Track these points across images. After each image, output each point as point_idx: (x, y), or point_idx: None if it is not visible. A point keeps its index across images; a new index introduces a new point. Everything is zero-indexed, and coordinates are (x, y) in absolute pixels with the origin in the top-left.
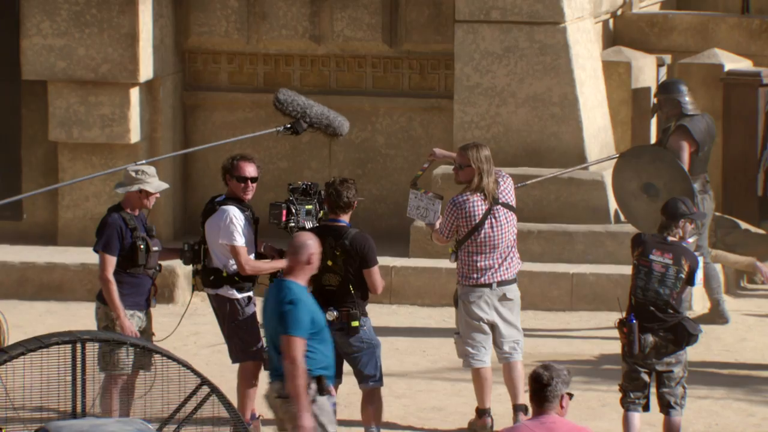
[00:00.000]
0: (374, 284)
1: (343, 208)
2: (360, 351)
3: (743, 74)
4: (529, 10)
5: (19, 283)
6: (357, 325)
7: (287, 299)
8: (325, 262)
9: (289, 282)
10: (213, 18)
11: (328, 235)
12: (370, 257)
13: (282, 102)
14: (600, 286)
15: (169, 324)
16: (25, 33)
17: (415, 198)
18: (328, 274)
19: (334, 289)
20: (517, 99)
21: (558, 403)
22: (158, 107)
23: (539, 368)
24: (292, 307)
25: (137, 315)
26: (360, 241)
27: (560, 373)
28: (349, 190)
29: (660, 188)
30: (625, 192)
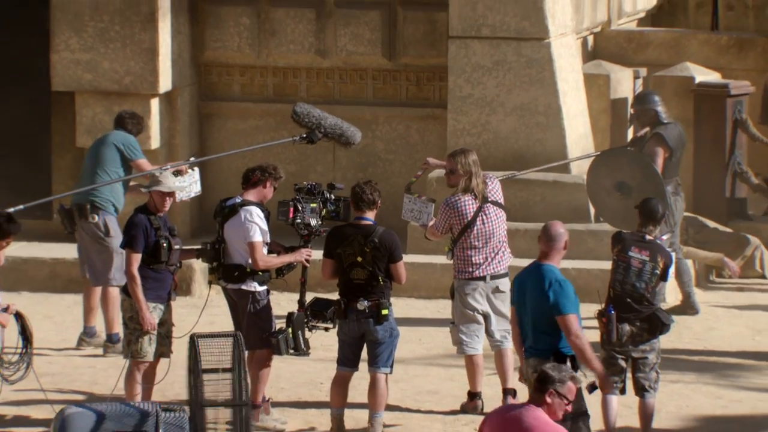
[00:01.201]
0: (399, 276)
1: (368, 204)
2: (384, 339)
3: (712, 86)
4: (516, 27)
5: (49, 277)
6: (386, 313)
7: (555, 281)
8: (354, 258)
9: (548, 266)
10: (227, 34)
11: (358, 234)
12: (396, 253)
13: (299, 114)
14: (581, 280)
15: (186, 315)
16: (54, 48)
17: (409, 202)
18: (357, 269)
19: (363, 282)
20: (506, 108)
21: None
22: (176, 116)
23: (549, 369)
24: (561, 289)
25: (159, 307)
26: (388, 239)
27: (565, 374)
28: (373, 189)
29: (633, 187)
30: (599, 188)
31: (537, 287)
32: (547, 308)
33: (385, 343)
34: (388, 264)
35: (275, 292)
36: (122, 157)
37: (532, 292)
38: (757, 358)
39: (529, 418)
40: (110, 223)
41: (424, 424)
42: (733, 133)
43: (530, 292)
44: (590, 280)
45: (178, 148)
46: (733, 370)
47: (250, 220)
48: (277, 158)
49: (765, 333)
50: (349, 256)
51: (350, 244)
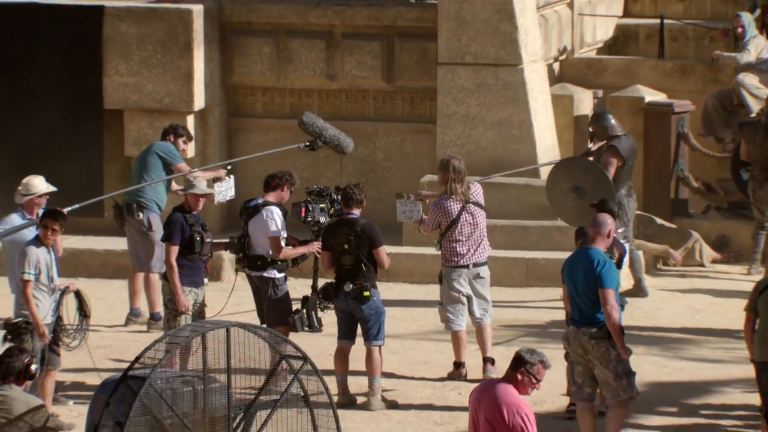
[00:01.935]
0: (381, 261)
1: (356, 203)
2: (370, 317)
3: (659, 105)
4: (494, 55)
5: (101, 265)
6: (368, 294)
7: (601, 261)
8: (343, 247)
9: (594, 249)
10: (251, 61)
11: (344, 225)
12: (377, 240)
13: (305, 123)
14: (549, 268)
15: (216, 298)
16: (106, 73)
17: (401, 205)
18: (345, 256)
19: (350, 267)
20: (486, 124)
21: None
22: (208, 130)
23: (526, 351)
24: (606, 267)
25: (194, 291)
26: (368, 228)
27: (542, 357)
28: (361, 191)
29: (587, 190)
30: (557, 190)
31: (587, 266)
32: (593, 282)
33: (372, 320)
34: (371, 250)
35: (292, 278)
36: (164, 163)
37: (583, 271)
38: (697, 333)
39: (501, 391)
40: (153, 219)
41: (416, 389)
42: (677, 145)
43: (581, 271)
44: (557, 268)
45: (210, 158)
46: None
47: (271, 218)
48: (293, 166)
49: (703, 312)
50: (339, 245)
51: (339, 235)
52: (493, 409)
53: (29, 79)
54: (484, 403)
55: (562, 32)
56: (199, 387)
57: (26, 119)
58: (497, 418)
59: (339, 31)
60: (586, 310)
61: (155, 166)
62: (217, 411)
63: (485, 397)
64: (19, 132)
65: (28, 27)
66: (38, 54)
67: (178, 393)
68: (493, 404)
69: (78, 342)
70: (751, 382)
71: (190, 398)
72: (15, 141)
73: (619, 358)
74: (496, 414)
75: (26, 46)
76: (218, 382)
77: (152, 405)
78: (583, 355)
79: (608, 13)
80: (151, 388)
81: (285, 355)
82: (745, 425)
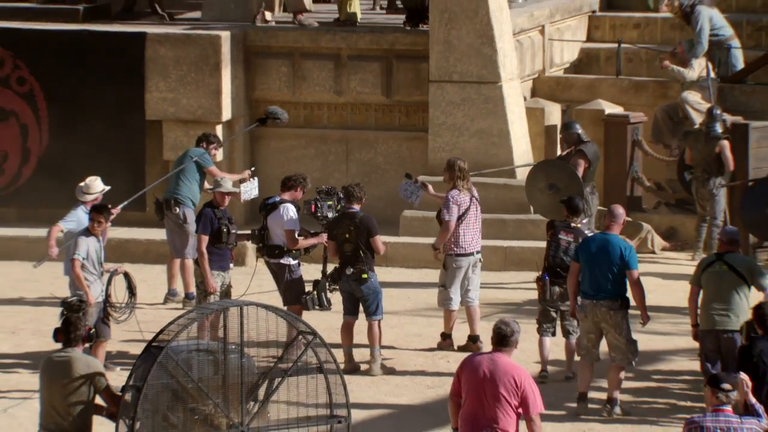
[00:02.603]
0: (377, 248)
1: (356, 199)
2: (368, 296)
3: (617, 116)
4: (477, 74)
5: (144, 252)
6: (366, 277)
7: (627, 247)
8: (344, 236)
9: (614, 235)
10: (270, 79)
11: (345, 218)
12: (373, 230)
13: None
14: (524, 255)
15: (240, 281)
16: (148, 89)
17: (405, 184)
18: (346, 244)
19: (350, 254)
20: (470, 132)
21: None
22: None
23: (501, 324)
24: (631, 253)
25: (221, 275)
26: (365, 220)
27: (514, 327)
28: (360, 189)
29: (561, 188)
30: (535, 188)
31: (613, 251)
32: (621, 265)
33: (370, 299)
34: (368, 239)
35: (305, 264)
36: (198, 167)
37: (606, 254)
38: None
39: (502, 360)
40: (188, 213)
41: (411, 358)
42: (632, 150)
43: (603, 254)
44: (530, 255)
45: (236, 161)
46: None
47: (287, 214)
48: (305, 169)
49: (654, 292)
50: (341, 235)
51: (341, 226)
52: (504, 377)
53: (83, 94)
54: (493, 370)
55: (535, 55)
56: (220, 357)
57: (81, 129)
58: (511, 383)
59: (345, 53)
60: (605, 285)
61: (190, 169)
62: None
63: (491, 367)
64: (75, 140)
65: (82, 51)
66: (90, 73)
67: (202, 361)
68: (503, 372)
69: (126, 316)
70: (695, 351)
71: (212, 366)
72: (72, 147)
73: (629, 327)
74: (511, 380)
75: (80, 67)
76: (236, 352)
77: (177, 371)
78: (598, 323)
79: (574, 38)
80: (169, 355)
81: (301, 331)
82: (689, 387)
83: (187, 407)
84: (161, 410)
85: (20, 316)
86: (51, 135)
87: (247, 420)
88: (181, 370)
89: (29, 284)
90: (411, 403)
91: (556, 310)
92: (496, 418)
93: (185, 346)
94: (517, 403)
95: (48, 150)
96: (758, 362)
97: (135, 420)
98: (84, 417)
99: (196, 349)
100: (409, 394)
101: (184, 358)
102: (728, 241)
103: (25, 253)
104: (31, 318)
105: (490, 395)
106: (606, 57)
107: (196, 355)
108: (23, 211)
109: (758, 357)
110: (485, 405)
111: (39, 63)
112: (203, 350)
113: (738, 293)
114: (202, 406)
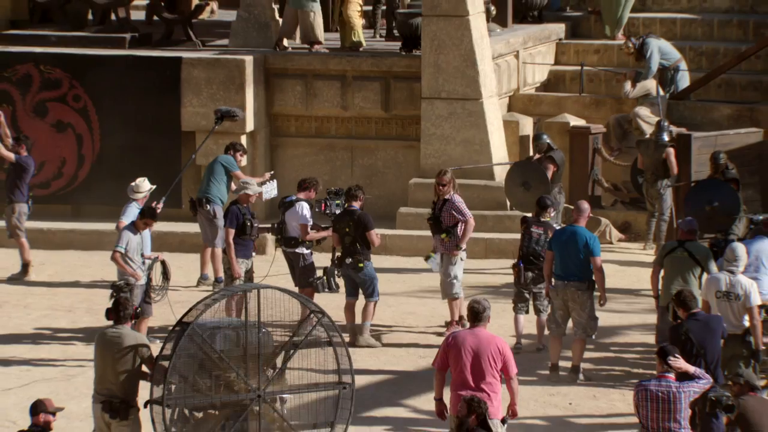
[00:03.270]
0: (372, 241)
1: (354, 198)
2: (365, 281)
3: (580, 128)
4: (462, 92)
5: (179, 243)
6: (362, 265)
7: (591, 237)
8: (345, 230)
9: (581, 227)
10: (287, 96)
11: (346, 215)
12: (368, 225)
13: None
14: (502, 245)
15: (262, 267)
16: (183, 105)
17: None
18: (346, 237)
19: (349, 245)
20: (456, 141)
21: (486, 321)
22: (257, 146)
23: (474, 303)
24: (595, 242)
25: (245, 262)
26: (362, 216)
27: (485, 304)
28: (359, 189)
29: (532, 186)
30: (513, 185)
31: (579, 240)
32: (586, 252)
33: (366, 283)
34: (364, 233)
35: (316, 253)
36: (225, 170)
37: (576, 242)
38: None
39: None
40: (217, 210)
41: (404, 333)
42: (593, 157)
43: (572, 243)
44: (508, 245)
45: (258, 166)
46: None
47: (301, 211)
48: (317, 172)
49: (611, 277)
50: (342, 229)
51: (342, 222)
52: (489, 347)
53: (128, 109)
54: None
55: (511, 76)
56: (242, 332)
57: (127, 138)
58: (494, 350)
59: (350, 74)
60: (574, 270)
61: (219, 172)
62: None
63: (475, 340)
64: (122, 147)
65: (128, 72)
66: (134, 91)
67: (225, 335)
68: (487, 343)
69: (160, 297)
70: (647, 327)
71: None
72: (120, 154)
73: (592, 306)
74: (495, 348)
75: (126, 85)
76: (256, 327)
77: (203, 344)
78: (567, 302)
79: (544, 62)
80: (195, 330)
81: (312, 310)
82: (641, 358)
83: (212, 374)
84: (189, 377)
85: (75, 296)
86: (102, 143)
87: (264, 386)
88: (206, 343)
89: (83, 269)
90: (406, 370)
91: (529, 292)
92: (486, 379)
93: (211, 322)
94: (500, 366)
95: (99, 156)
96: (686, 340)
97: (166, 384)
98: (131, 382)
99: (218, 326)
100: (404, 363)
101: (210, 332)
102: (688, 231)
103: (79, 243)
104: (84, 298)
105: (478, 362)
106: (571, 78)
107: (219, 331)
108: (78, 207)
109: (685, 335)
110: (474, 371)
111: (92, 83)
112: (226, 326)
113: (693, 275)
114: (225, 373)
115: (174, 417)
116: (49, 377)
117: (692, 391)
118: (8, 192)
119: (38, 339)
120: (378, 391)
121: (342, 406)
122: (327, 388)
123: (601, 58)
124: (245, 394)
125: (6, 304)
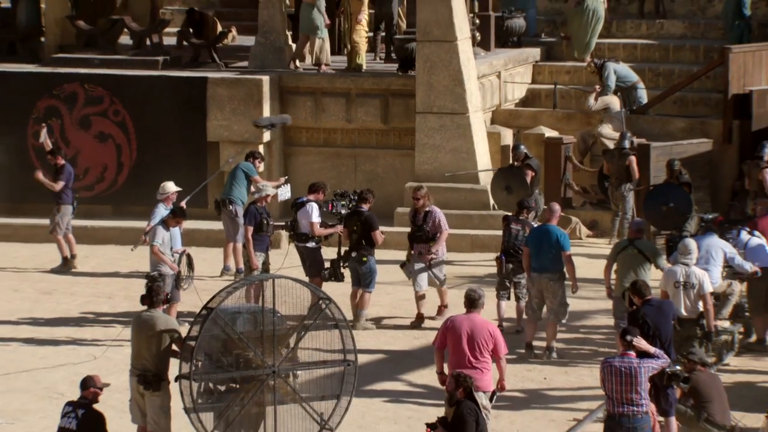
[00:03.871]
0: (375, 239)
1: (365, 201)
2: (366, 273)
3: (554, 139)
4: (451, 107)
5: (205, 238)
6: (365, 260)
7: (561, 234)
8: (353, 228)
9: (553, 226)
10: (299, 110)
11: (355, 215)
12: (373, 225)
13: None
14: (486, 241)
15: (275, 259)
16: (208, 118)
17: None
18: (353, 234)
19: (355, 242)
20: (446, 150)
21: (480, 308)
22: (272, 154)
23: (471, 291)
24: (565, 238)
25: (262, 255)
26: (368, 217)
27: (480, 293)
28: (368, 192)
29: (514, 189)
30: (497, 188)
31: (552, 236)
32: (558, 247)
33: (367, 275)
34: (369, 231)
35: (324, 248)
36: (246, 176)
37: (548, 239)
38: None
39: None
40: (238, 210)
41: (402, 317)
42: (565, 164)
43: (546, 239)
44: (491, 241)
45: (274, 172)
46: None
47: (312, 210)
48: (325, 177)
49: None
50: (351, 226)
51: (351, 220)
52: (482, 331)
53: (161, 122)
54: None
55: (494, 93)
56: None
57: (160, 148)
58: (487, 334)
59: (354, 92)
60: (547, 263)
61: (240, 177)
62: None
63: (470, 324)
64: (155, 156)
65: (161, 90)
66: (166, 107)
67: (245, 319)
68: (481, 327)
69: (186, 286)
70: (611, 312)
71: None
72: (154, 161)
73: (563, 294)
74: (487, 331)
75: (159, 102)
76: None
77: (225, 326)
78: (541, 291)
79: (522, 81)
80: (218, 314)
81: (320, 297)
82: (606, 339)
83: (233, 353)
84: (213, 355)
85: (115, 285)
86: (138, 152)
87: (279, 363)
88: (228, 325)
89: (122, 262)
90: (403, 349)
91: (509, 281)
92: (479, 358)
93: (232, 307)
94: (492, 348)
95: (136, 163)
96: (643, 323)
97: (193, 361)
98: (163, 359)
99: (239, 311)
100: (401, 344)
101: (231, 316)
102: (637, 230)
103: (118, 239)
104: (123, 287)
105: (473, 344)
106: (545, 95)
107: (240, 315)
108: (117, 208)
109: (642, 319)
110: (469, 353)
111: (129, 99)
112: (246, 311)
113: (643, 270)
114: (245, 352)
115: (200, 390)
116: (93, 354)
117: (651, 367)
118: (55, 195)
119: (82, 322)
120: (378, 367)
121: (347, 380)
122: (333, 365)
123: (572, 77)
124: (262, 370)
125: (55, 292)
